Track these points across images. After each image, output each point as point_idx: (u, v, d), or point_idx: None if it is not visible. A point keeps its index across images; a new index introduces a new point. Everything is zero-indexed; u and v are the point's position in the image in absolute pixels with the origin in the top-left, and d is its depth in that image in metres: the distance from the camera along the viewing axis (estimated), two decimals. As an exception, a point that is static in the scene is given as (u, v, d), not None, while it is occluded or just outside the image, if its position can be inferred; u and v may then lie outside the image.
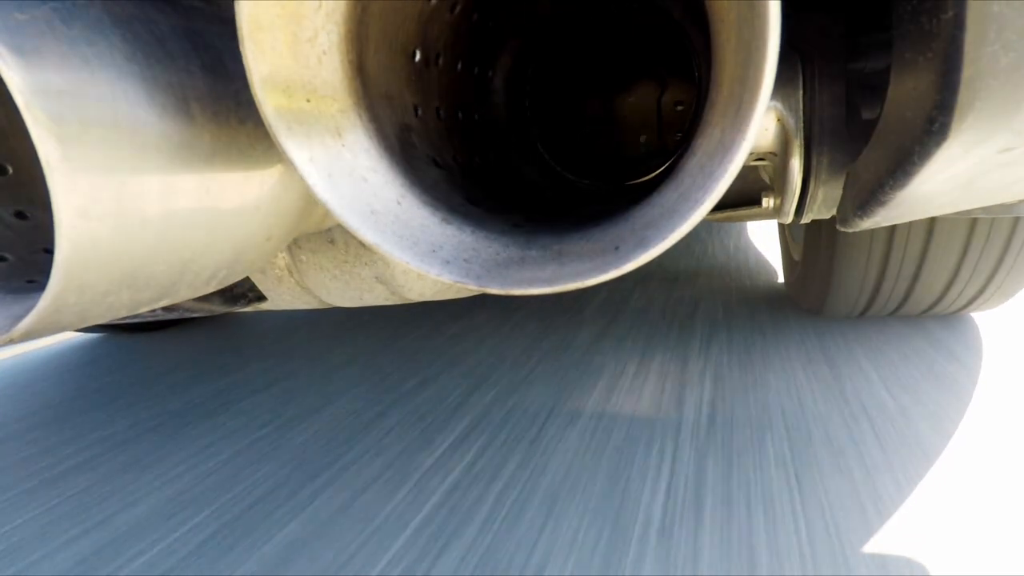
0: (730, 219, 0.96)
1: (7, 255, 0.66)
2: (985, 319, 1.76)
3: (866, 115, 0.64)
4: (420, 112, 0.64)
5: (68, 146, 0.39)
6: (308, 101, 0.47)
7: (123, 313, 0.54)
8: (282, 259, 0.91)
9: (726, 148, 0.40)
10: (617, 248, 0.46)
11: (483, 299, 2.43)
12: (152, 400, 1.73)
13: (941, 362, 1.45)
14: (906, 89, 0.47)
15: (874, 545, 0.86)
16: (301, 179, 0.47)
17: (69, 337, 2.54)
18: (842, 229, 0.63)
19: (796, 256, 1.96)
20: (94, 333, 2.46)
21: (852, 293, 1.60)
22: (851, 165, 0.62)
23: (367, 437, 1.33)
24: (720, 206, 0.94)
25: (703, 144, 0.44)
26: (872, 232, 1.41)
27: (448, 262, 0.50)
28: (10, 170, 0.71)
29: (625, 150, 1.08)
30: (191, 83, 0.49)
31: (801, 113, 0.64)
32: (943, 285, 1.51)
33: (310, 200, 0.66)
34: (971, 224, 1.35)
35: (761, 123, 0.38)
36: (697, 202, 0.41)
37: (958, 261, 1.43)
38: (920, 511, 0.92)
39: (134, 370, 2.05)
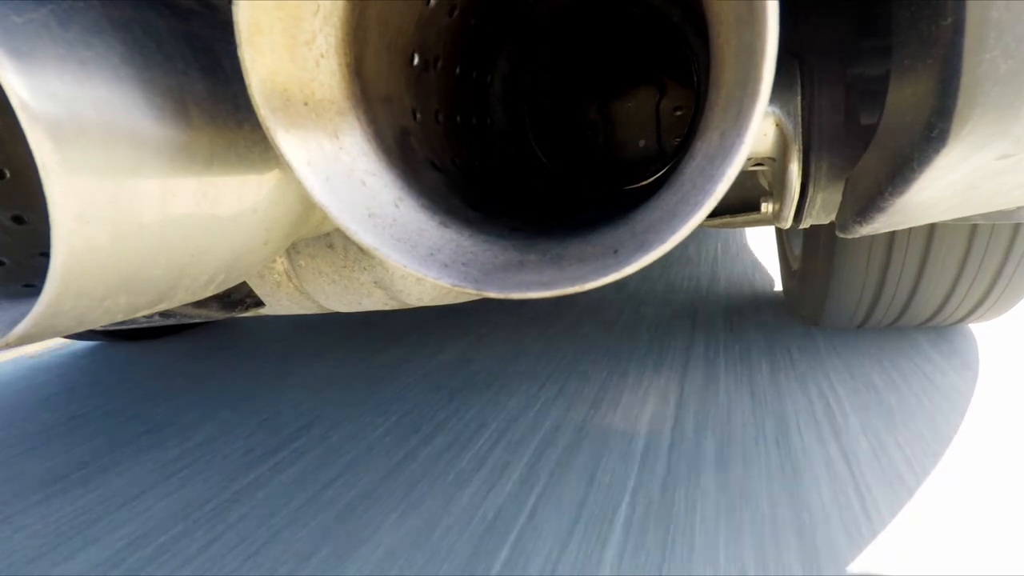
0: (729, 225, 0.95)
1: (4, 259, 0.66)
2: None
3: (865, 120, 0.64)
4: (418, 115, 0.64)
5: (65, 149, 0.39)
6: (306, 104, 0.47)
7: (120, 317, 0.54)
8: (280, 264, 0.91)
9: (725, 152, 0.40)
10: (616, 251, 0.46)
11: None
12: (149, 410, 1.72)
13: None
14: (905, 95, 0.47)
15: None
16: (299, 182, 0.47)
17: (64, 344, 2.53)
18: (841, 235, 0.63)
19: (794, 265, 1.95)
20: (92, 341, 2.45)
21: (851, 303, 1.60)
22: (850, 171, 0.62)
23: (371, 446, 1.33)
24: (719, 211, 0.94)
25: (702, 148, 0.44)
26: (871, 240, 1.41)
27: (446, 265, 0.50)
28: (7, 174, 0.71)
29: (624, 154, 1.08)
30: (189, 86, 0.49)
31: (800, 118, 0.64)
32: (943, 295, 1.50)
33: (308, 203, 0.66)
34: (971, 231, 1.35)
35: (760, 127, 0.38)
36: (696, 205, 0.41)
37: (958, 270, 1.42)
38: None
39: (131, 380, 2.04)
